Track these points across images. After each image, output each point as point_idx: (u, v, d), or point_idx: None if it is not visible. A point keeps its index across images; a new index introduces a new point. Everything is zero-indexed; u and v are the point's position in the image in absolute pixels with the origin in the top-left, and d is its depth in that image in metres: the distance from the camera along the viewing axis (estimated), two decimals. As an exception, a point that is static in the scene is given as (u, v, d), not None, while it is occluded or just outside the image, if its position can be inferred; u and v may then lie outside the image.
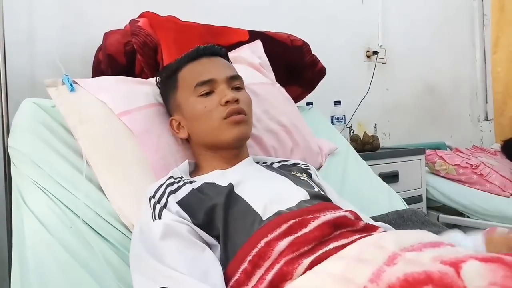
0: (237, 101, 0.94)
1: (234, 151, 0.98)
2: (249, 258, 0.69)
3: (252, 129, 1.19)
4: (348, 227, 0.74)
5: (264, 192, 0.85)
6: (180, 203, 0.81)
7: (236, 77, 1.01)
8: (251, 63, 1.40)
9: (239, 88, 1.01)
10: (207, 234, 0.77)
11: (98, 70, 1.41)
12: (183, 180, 0.88)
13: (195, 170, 1.02)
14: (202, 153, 1.00)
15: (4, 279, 1.37)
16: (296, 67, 1.64)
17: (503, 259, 0.47)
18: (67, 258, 0.83)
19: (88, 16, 1.63)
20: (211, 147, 0.98)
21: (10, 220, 1.10)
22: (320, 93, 1.88)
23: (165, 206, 0.80)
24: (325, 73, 1.73)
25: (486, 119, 3.34)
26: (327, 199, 0.91)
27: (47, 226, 0.87)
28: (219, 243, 0.76)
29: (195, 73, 0.98)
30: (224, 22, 1.57)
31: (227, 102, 0.93)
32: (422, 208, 2.12)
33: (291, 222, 0.72)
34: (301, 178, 0.98)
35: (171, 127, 1.04)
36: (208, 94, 0.96)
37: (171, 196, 0.82)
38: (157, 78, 1.09)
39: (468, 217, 2.14)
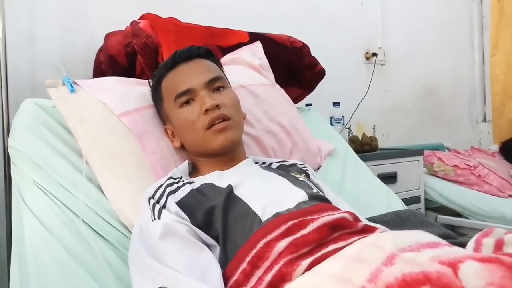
0: (217, 106, 0.93)
1: (228, 155, 0.98)
2: (248, 258, 0.69)
3: (252, 129, 1.20)
4: (347, 229, 0.74)
5: (263, 193, 0.85)
6: (179, 203, 0.81)
7: (216, 79, 0.98)
8: (251, 64, 1.41)
9: (221, 88, 0.99)
10: (206, 235, 0.77)
11: (99, 71, 1.41)
12: (183, 181, 0.88)
13: (194, 170, 1.02)
14: (198, 159, 1.01)
15: (3, 278, 1.37)
16: (295, 69, 1.64)
17: (501, 259, 0.47)
18: (66, 258, 0.83)
19: (89, 17, 1.63)
20: (203, 155, 0.98)
21: (9, 220, 1.10)
22: (319, 94, 1.88)
23: (164, 206, 0.80)
24: (324, 74, 1.74)
25: (485, 120, 3.35)
26: (326, 200, 0.91)
27: (47, 226, 0.87)
28: (218, 243, 0.77)
29: (174, 83, 0.97)
30: (224, 24, 1.57)
31: (207, 110, 0.92)
32: (420, 209, 2.13)
33: (290, 223, 0.72)
34: (300, 179, 0.98)
35: (167, 135, 1.05)
36: (189, 102, 0.95)
37: (170, 197, 0.82)
38: (149, 81, 1.08)
39: (466, 218, 2.14)
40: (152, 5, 1.59)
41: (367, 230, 0.77)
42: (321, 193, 0.96)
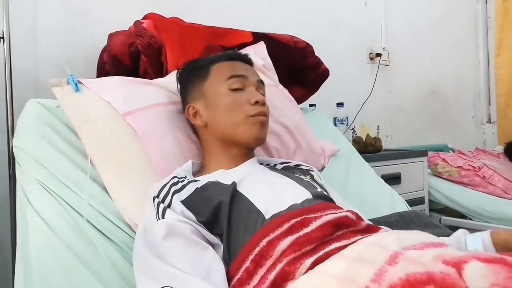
0: (264, 104, 0.98)
1: (245, 150, 0.99)
2: (251, 257, 0.69)
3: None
4: (350, 227, 0.75)
5: (267, 191, 0.85)
6: (184, 202, 0.81)
7: (263, 84, 1.05)
8: (254, 65, 1.41)
9: (262, 94, 1.03)
10: (210, 234, 0.77)
11: (103, 71, 1.42)
12: (187, 180, 0.88)
13: (198, 170, 1.02)
14: (213, 146, 1.00)
15: (7, 278, 1.37)
16: (299, 69, 1.64)
17: (506, 260, 0.47)
18: (70, 258, 0.84)
19: (93, 17, 1.64)
20: (225, 140, 0.98)
21: (14, 220, 1.10)
22: (323, 94, 1.88)
23: (169, 205, 0.80)
24: (328, 75, 1.73)
25: (489, 121, 3.34)
26: (330, 199, 0.91)
27: (51, 226, 0.88)
28: (222, 242, 0.77)
29: (230, 68, 1.01)
30: (227, 24, 1.57)
31: (256, 102, 0.96)
32: (424, 210, 2.13)
33: (292, 221, 0.72)
34: (304, 179, 0.98)
35: (187, 113, 1.04)
36: (237, 90, 0.98)
37: (175, 196, 0.82)
38: (180, 68, 1.10)
39: (470, 219, 2.13)
40: (155, 5, 1.60)
41: (370, 229, 0.77)
42: (325, 193, 0.96)
